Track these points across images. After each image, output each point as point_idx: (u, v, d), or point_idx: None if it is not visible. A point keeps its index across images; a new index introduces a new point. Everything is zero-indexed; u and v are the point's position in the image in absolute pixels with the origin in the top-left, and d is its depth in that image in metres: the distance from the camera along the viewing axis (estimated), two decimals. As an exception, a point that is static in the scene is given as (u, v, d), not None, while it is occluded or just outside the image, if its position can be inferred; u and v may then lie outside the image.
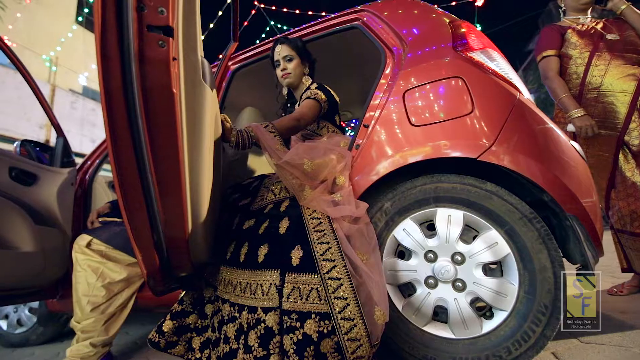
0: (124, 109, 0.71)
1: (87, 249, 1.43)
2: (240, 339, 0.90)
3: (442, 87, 1.14)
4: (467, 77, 1.12)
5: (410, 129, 1.12)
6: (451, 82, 1.13)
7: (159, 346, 1.08)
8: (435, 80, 1.15)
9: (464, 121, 1.07)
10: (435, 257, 1.03)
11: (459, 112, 1.08)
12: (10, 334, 2.04)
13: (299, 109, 1.34)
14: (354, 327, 0.83)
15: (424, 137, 1.10)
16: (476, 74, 1.12)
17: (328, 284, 0.87)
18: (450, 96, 1.12)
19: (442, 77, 1.15)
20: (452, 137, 1.06)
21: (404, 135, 1.13)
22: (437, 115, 1.11)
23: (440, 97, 1.13)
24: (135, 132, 0.72)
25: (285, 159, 1.09)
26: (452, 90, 1.12)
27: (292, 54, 1.48)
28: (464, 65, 1.15)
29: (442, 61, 1.18)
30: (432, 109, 1.12)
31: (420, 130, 1.11)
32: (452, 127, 1.08)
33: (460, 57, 1.17)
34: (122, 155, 0.73)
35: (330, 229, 0.97)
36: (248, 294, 0.94)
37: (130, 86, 0.71)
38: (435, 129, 1.09)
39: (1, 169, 1.58)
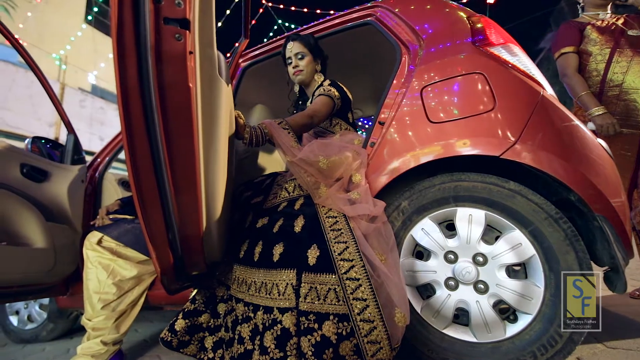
0: (139, 103, 0.69)
1: (98, 246, 1.42)
2: (255, 340, 0.88)
3: (462, 84, 1.10)
4: (488, 73, 1.08)
5: (429, 126, 1.09)
6: (471, 78, 1.09)
7: (171, 345, 1.07)
8: (455, 76, 1.12)
9: (485, 118, 1.04)
10: (456, 258, 1.00)
11: (480, 109, 1.05)
12: (21, 330, 2.05)
13: (312, 106, 1.32)
14: (374, 329, 0.80)
15: (443, 134, 1.06)
16: (497, 69, 1.09)
17: (346, 285, 0.84)
18: (470, 93, 1.08)
19: (462, 73, 1.11)
20: (473, 134, 1.03)
21: (422, 133, 1.10)
22: (457, 112, 1.07)
23: (460, 94, 1.09)
24: (150, 126, 0.70)
25: (300, 156, 1.06)
26: (472, 86, 1.09)
27: (304, 51, 1.46)
28: (484, 61, 1.11)
29: (462, 57, 1.14)
30: (452, 105, 1.09)
31: (439, 128, 1.08)
32: (473, 124, 1.04)
33: (480, 53, 1.13)
34: (138, 151, 0.71)
35: (347, 228, 0.95)
36: (263, 294, 0.92)
37: (147, 80, 0.69)
38: (455, 126, 1.06)
39: (13, 165, 1.58)
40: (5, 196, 1.45)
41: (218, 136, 0.82)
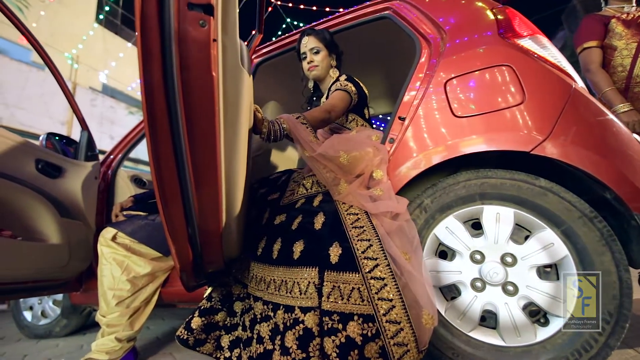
0: (162, 92, 0.66)
1: (112, 242, 1.42)
2: (275, 340, 0.85)
3: (488, 76, 1.06)
4: (516, 65, 1.04)
5: (453, 121, 1.05)
6: (499, 71, 1.05)
7: (187, 344, 1.05)
8: (481, 69, 1.07)
9: (514, 112, 0.99)
10: (483, 258, 0.96)
11: (509, 103, 1.01)
12: (35, 325, 2.06)
13: (330, 101, 1.28)
14: (401, 331, 0.76)
15: (469, 129, 1.02)
16: (526, 61, 1.04)
17: (371, 284, 0.81)
18: (498, 86, 1.04)
19: (489, 65, 1.07)
20: (501, 129, 0.99)
21: (446, 127, 1.06)
22: (483, 105, 1.03)
23: (487, 87, 1.05)
24: (173, 116, 0.68)
25: (319, 151, 1.03)
26: (500, 79, 1.04)
27: (319, 46, 1.43)
28: (512, 53, 1.07)
29: (488, 49, 1.10)
30: (478, 99, 1.05)
31: (464, 122, 1.04)
32: (501, 119, 1.00)
33: (507, 45, 1.09)
34: (160, 141, 0.69)
35: (370, 226, 0.91)
36: (283, 292, 0.89)
37: (170, 68, 0.66)
38: (481, 121, 1.02)
39: (28, 161, 1.58)
40: (22, 191, 1.45)
41: (239, 128, 0.80)
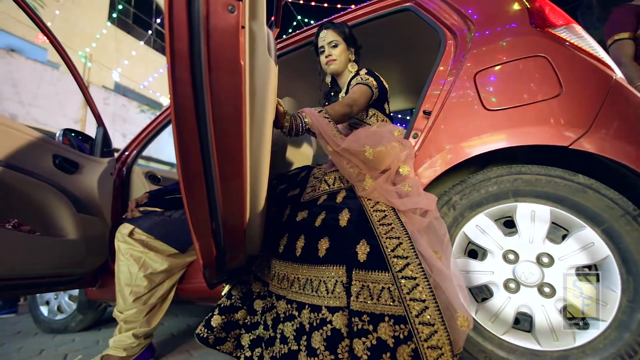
0: (189, 81, 0.64)
1: (129, 237, 1.41)
2: (301, 340, 0.82)
3: (521, 68, 1.01)
4: (551, 56, 0.99)
5: (484, 114, 1.01)
6: (533, 62, 1.00)
7: (207, 342, 1.02)
8: (513, 60, 1.02)
9: (550, 105, 0.94)
10: (517, 258, 0.91)
11: (544, 95, 0.96)
12: (51, 320, 2.07)
13: (351, 95, 1.25)
14: (435, 333, 0.72)
15: (502, 122, 0.98)
16: (562, 52, 0.99)
17: (401, 284, 0.77)
18: (532, 77, 0.99)
19: (521, 56, 1.02)
20: (536, 122, 0.94)
21: (477, 121, 1.01)
22: (517, 98, 0.98)
23: (520, 79, 1.00)
24: (199, 106, 0.65)
25: (344, 146, 0.99)
26: (534, 70, 0.99)
27: (337, 40, 1.39)
28: (546, 43, 1.01)
29: (520, 39, 1.05)
30: (511, 91, 1.00)
31: (497, 115, 0.99)
32: (536, 112, 0.95)
33: (541, 34, 1.04)
34: (185, 131, 0.66)
35: (398, 223, 0.87)
36: (309, 291, 0.86)
37: (198, 56, 0.63)
38: (515, 114, 0.97)
39: (46, 156, 1.58)
40: (40, 187, 1.44)
41: (265, 120, 0.77)
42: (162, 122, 2.07)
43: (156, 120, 2.08)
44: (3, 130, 1.38)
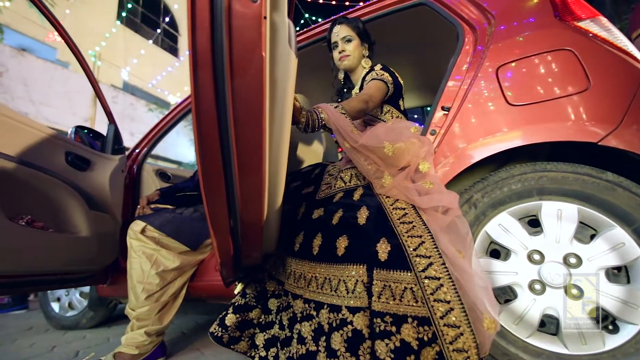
0: (210, 72, 0.62)
1: (141, 235, 1.40)
2: (319, 341, 0.80)
3: (546, 62, 0.98)
4: (578, 50, 0.95)
5: (507, 110, 0.97)
6: (559, 56, 0.97)
7: (222, 341, 1.01)
8: (538, 53, 0.99)
9: (577, 100, 0.91)
10: (542, 259, 0.88)
11: (571, 90, 0.92)
12: (62, 316, 2.08)
13: (366, 91, 1.22)
14: (460, 335, 0.70)
15: (526, 118, 0.94)
16: (589, 45, 0.96)
17: (425, 284, 0.75)
18: (558, 72, 0.96)
19: (546, 50, 0.98)
20: (563, 118, 0.91)
21: (500, 117, 0.98)
22: (542, 93, 0.95)
23: (545, 73, 0.97)
24: (220, 98, 0.63)
25: (362, 142, 0.97)
26: (560, 64, 0.96)
27: (351, 35, 1.36)
28: (572, 36, 0.98)
29: (544, 32, 1.02)
30: (536, 86, 0.96)
31: (521, 111, 0.96)
32: (563, 107, 0.92)
33: (566, 27, 1.00)
34: (206, 124, 0.64)
35: (419, 221, 0.85)
36: (327, 290, 0.83)
37: (220, 48, 0.61)
38: (540, 109, 0.94)
39: (58, 153, 1.57)
40: (53, 183, 1.44)
41: (285, 114, 0.74)
42: (171, 120, 2.07)
43: (166, 119, 2.08)
44: (16, 126, 1.38)
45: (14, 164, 1.30)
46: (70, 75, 7.77)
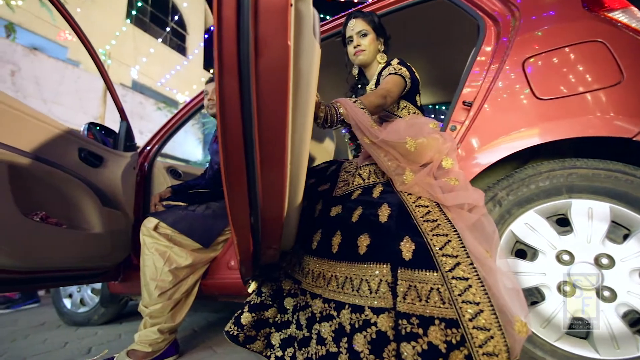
0: (235, 60, 0.59)
1: (154, 232, 1.39)
2: (340, 342, 0.77)
3: (576, 54, 0.94)
4: (610, 41, 0.91)
5: (536, 104, 0.94)
6: (589, 48, 0.93)
7: (237, 340, 0.99)
8: (567, 45, 0.95)
9: (610, 93, 0.87)
10: (572, 259, 0.85)
11: (603, 83, 0.88)
12: (74, 312, 2.08)
13: (384, 86, 1.19)
14: (491, 339, 0.67)
15: (555, 112, 0.91)
16: (622, 36, 0.91)
17: (452, 285, 0.72)
18: (589, 64, 0.92)
19: (576, 41, 0.95)
20: (595, 112, 0.87)
21: (527, 111, 0.94)
22: (572, 86, 0.91)
23: (575, 65, 0.93)
24: (244, 88, 0.61)
25: (383, 137, 0.94)
26: (590, 56, 0.92)
27: (366, 29, 1.33)
28: (603, 28, 0.94)
29: (573, 24, 0.98)
30: (566, 79, 0.93)
31: (550, 105, 0.92)
32: (594, 101, 0.88)
33: (596, 18, 0.96)
34: (229, 110, 0.62)
35: (444, 219, 0.82)
36: (349, 290, 0.81)
37: (245, 36, 0.59)
38: (571, 103, 0.90)
39: (72, 149, 1.57)
40: (67, 179, 1.44)
41: (308, 106, 0.72)
42: (182, 118, 2.07)
43: (176, 117, 2.08)
44: (31, 122, 1.38)
45: (28, 160, 1.30)
46: (80, 74, 7.86)
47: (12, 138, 1.28)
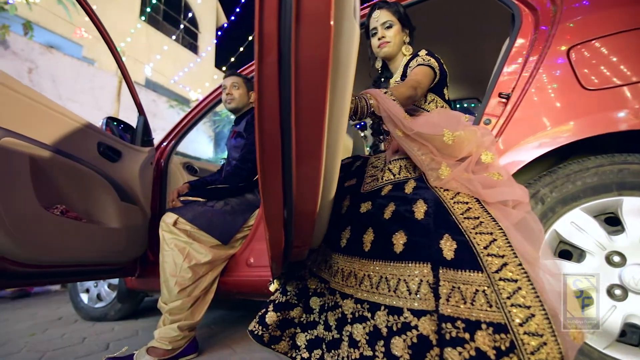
0: (276, 43, 0.55)
1: (174, 227, 1.37)
2: (376, 345, 0.73)
3: (629, 41, 0.87)
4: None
5: (583, 95, 0.87)
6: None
7: (262, 340, 0.95)
8: (617, 32, 0.89)
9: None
10: (624, 261, 0.78)
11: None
12: (90, 307, 2.09)
13: (414, 77, 1.14)
14: (543, 345, 0.61)
15: (605, 103, 0.84)
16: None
17: (500, 287, 0.67)
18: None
19: (627, 28, 0.88)
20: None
21: (574, 103, 0.88)
22: (624, 75, 0.85)
23: (627, 54, 0.86)
24: (284, 73, 0.57)
25: (417, 130, 0.89)
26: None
27: (392, 20, 1.28)
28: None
29: (623, 9, 0.91)
30: (616, 68, 0.86)
31: (599, 95, 0.86)
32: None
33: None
34: (267, 98, 0.58)
35: (487, 217, 0.76)
36: (384, 291, 0.76)
37: (289, 13, 0.55)
38: (623, 93, 0.83)
39: (91, 143, 1.56)
40: (88, 173, 1.43)
41: (346, 92, 0.68)
42: (197, 115, 2.06)
43: (192, 113, 2.07)
44: (53, 115, 1.37)
45: (50, 153, 1.29)
46: (95, 72, 7.96)
47: (34, 130, 1.27)
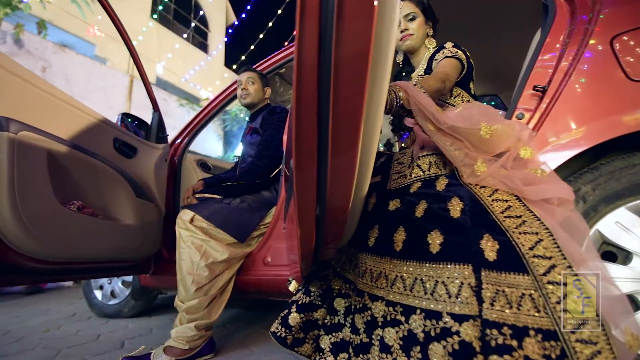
0: (317, 20, 0.52)
1: (190, 224, 1.34)
2: (411, 351, 0.69)
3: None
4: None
5: (629, 86, 0.82)
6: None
7: (285, 342, 0.92)
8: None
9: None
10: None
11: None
12: (104, 304, 2.08)
13: (442, 69, 1.09)
14: (597, 354, 0.57)
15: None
16: None
17: (548, 290, 0.62)
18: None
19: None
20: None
21: (619, 95, 0.83)
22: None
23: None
24: (324, 65, 0.53)
25: (451, 123, 0.84)
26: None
27: (415, 12, 1.23)
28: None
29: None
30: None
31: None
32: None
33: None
34: (305, 89, 0.54)
35: (531, 215, 0.72)
36: (420, 293, 0.72)
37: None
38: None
39: (107, 139, 1.55)
40: (104, 169, 1.41)
41: (383, 83, 0.63)
42: (212, 111, 2.04)
43: (206, 109, 2.05)
44: (69, 110, 1.36)
45: (66, 148, 1.27)
46: (107, 71, 8.03)
47: (52, 125, 1.26)
